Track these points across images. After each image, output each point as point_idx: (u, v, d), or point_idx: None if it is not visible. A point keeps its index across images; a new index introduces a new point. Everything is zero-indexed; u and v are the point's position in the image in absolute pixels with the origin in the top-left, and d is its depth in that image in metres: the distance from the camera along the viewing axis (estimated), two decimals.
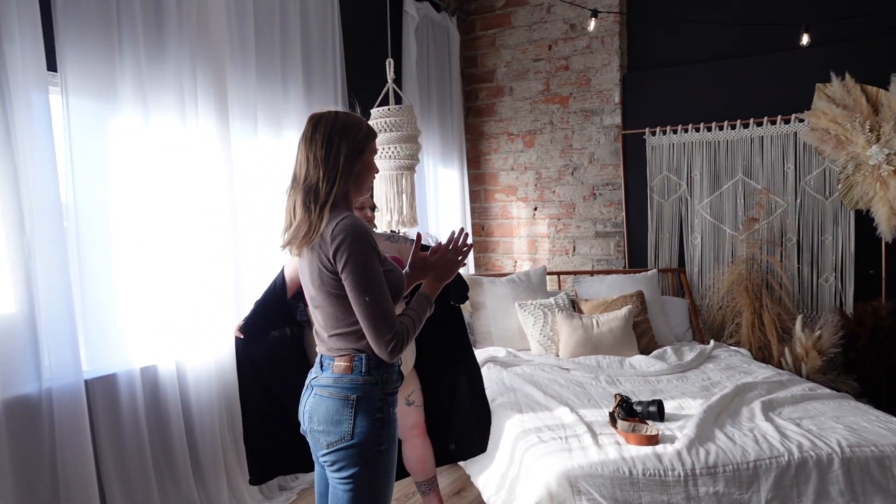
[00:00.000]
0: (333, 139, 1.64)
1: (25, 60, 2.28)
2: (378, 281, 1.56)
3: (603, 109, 4.63)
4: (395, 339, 1.56)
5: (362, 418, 1.59)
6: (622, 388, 2.97)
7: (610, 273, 4.29)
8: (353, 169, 1.65)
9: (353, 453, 1.59)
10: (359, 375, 1.62)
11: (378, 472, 1.61)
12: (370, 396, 1.62)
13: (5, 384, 2.22)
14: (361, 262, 1.55)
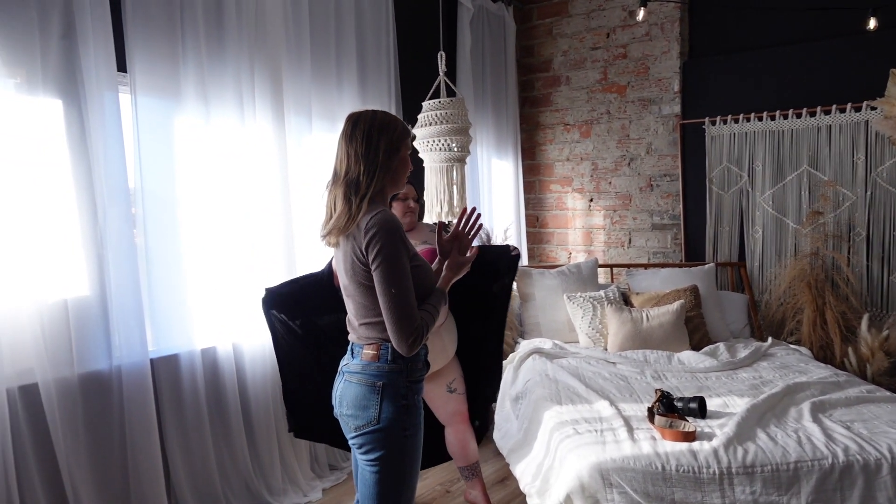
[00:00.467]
0: (373, 136, 1.73)
1: (98, 63, 2.47)
2: (404, 276, 1.64)
3: (661, 98, 4.52)
4: (415, 333, 1.64)
5: (388, 404, 1.68)
6: (667, 383, 2.94)
7: (664, 266, 4.21)
8: (390, 164, 1.74)
9: (379, 437, 1.67)
10: (385, 363, 1.70)
11: (403, 456, 1.69)
12: (395, 383, 1.70)
13: (80, 361, 2.43)
14: (391, 255, 1.63)
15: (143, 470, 2.57)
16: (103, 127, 2.50)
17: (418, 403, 1.75)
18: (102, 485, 2.48)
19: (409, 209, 2.77)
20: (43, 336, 2.31)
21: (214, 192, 2.88)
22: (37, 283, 2.31)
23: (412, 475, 1.73)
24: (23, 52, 2.31)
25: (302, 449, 3.19)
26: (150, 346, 2.65)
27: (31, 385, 2.29)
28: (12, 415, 2.23)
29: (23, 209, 2.29)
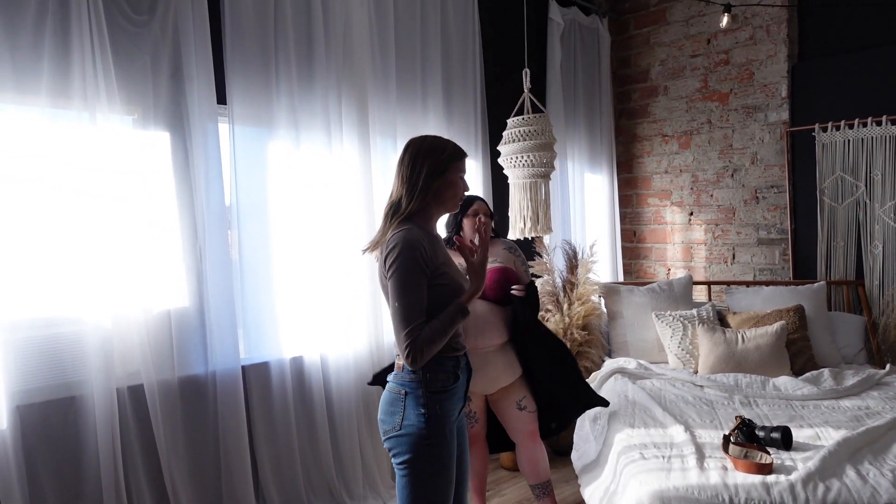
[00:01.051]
0: (418, 160, 1.84)
1: (201, 98, 2.76)
2: (412, 291, 1.71)
3: (767, 105, 4.25)
4: (409, 347, 1.69)
5: (410, 412, 1.77)
6: (757, 410, 2.75)
7: (768, 284, 3.94)
8: (431, 185, 1.82)
9: (403, 442, 1.77)
10: (407, 373, 1.80)
11: (428, 463, 1.75)
12: (416, 393, 1.78)
13: (181, 365, 2.70)
14: (401, 269, 1.72)
15: (234, 468, 2.80)
16: (204, 155, 2.77)
17: (442, 413, 1.78)
18: (197, 479, 2.73)
19: (480, 224, 2.81)
20: (149, 342, 2.60)
21: (303, 212, 3.09)
22: (144, 295, 2.60)
23: (439, 482, 1.78)
24: (139, 91, 2.63)
25: (383, 457, 3.31)
26: (242, 354, 2.88)
27: (137, 385, 2.58)
28: (121, 411, 2.53)
29: (134, 229, 2.59)
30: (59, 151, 2.43)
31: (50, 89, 2.39)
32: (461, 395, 1.91)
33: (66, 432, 2.41)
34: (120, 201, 2.55)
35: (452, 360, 1.84)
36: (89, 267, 2.47)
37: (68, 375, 2.43)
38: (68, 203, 2.45)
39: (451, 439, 1.82)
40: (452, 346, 1.84)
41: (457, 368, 1.86)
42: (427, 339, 1.71)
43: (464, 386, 1.92)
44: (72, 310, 2.44)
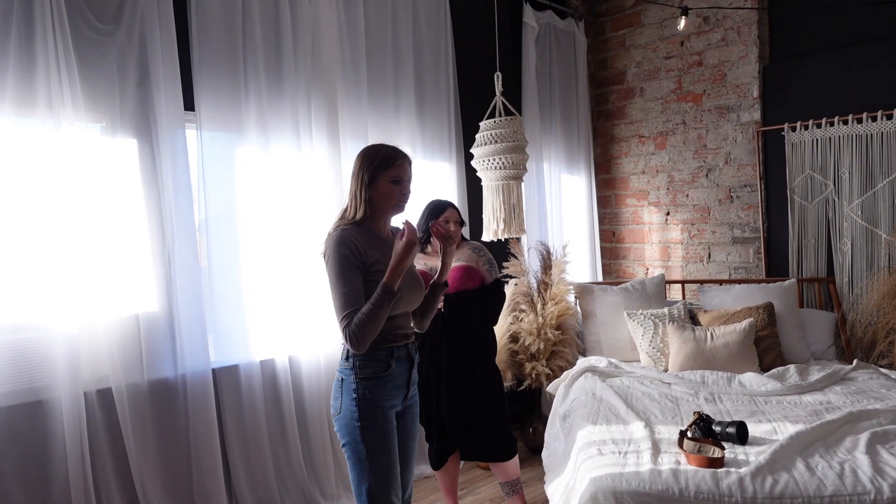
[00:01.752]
0: (358, 172, 2.00)
1: (168, 104, 2.79)
2: (344, 282, 1.84)
3: (740, 105, 4.29)
4: (344, 330, 1.83)
5: (345, 397, 1.94)
6: (720, 406, 2.79)
7: (740, 282, 3.98)
8: (367, 195, 1.96)
9: (341, 425, 1.95)
10: (343, 360, 1.97)
11: (362, 444, 1.90)
12: (349, 379, 1.94)
13: (149, 369, 2.73)
14: (333, 264, 1.87)
15: (206, 471, 2.83)
16: (173, 161, 2.81)
17: (372, 399, 1.91)
18: (168, 482, 2.76)
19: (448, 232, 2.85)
20: (117, 346, 2.63)
21: (272, 216, 3.12)
22: (112, 300, 2.63)
23: (374, 464, 1.90)
24: (105, 99, 2.67)
25: None
26: (211, 357, 2.91)
27: (106, 389, 2.61)
28: (90, 415, 2.56)
29: (101, 235, 2.63)
30: (25, 159, 2.47)
31: (15, 97, 2.42)
32: (400, 384, 2.00)
33: (34, 437, 2.44)
34: (87, 208, 2.59)
35: (385, 350, 1.95)
36: (56, 273, 2.50)
37: (34, 380, 2.46)
38: (35, 210, 2.48)
39: (386, 423, 1.93)
40: (387, 336, 1.94)
41: (390, 358, 1.96)
42: (359, 322, 1.80)
43: (403, 375, 2.01)
44: (38, 315, 2.47)
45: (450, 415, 2.78)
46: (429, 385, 2.80)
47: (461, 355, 2.77)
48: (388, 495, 1.92)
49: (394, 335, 1.97)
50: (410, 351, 2.05)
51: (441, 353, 2.77)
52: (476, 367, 2.79)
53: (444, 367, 2.77)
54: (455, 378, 2.76)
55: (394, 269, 1.85)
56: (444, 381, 2.77)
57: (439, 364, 2.78)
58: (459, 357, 2.77)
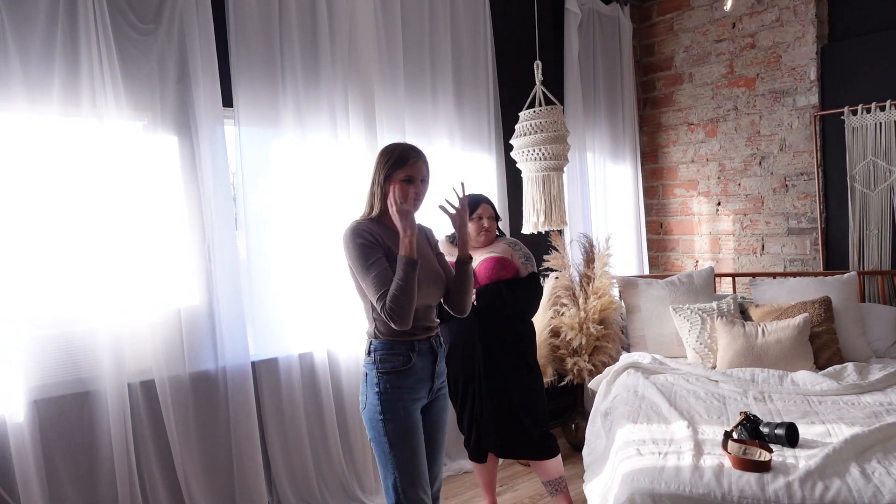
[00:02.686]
0: (374, 170, 2.04)
1: (207, 101, 2.83)
2: (371, 267, 1.87)
3: (796, 89, 4.08)
4: (383, 310, 1.84)
5: (369, 391, 1.97)
6: (770, 406, 2.65)
7: (795, 275, 3.78)
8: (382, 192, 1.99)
9: (367, 420, 1.98)
10: (366, 355, 2.01)
11: (385, 437, 1.92)
12: (372, 374, 1.97)
13: (191, 361, 2.79)
14: (355, 254, 1.91)
15: (246, 461, 2.88)
16: (212, 157, 2.85)
17: (398, 392, 1.93)
18: (210, 472, 2.82)
19: (482, 228, 2.82)
20: (159, 339, 2.69)
21: (309, 209, 3.14)
22: (154, 294, 2.70)
23: (398, 457, 1.91)
24: (146, 96, 2.73)
25: None
26: (251, 350, 2.95)
27: (149, 381, 2.68)
28: (134, 406, 2.63)
29: (144, 231, 2.69)
30: (71, 157, 2.54)
31: (61, 97, 2.50)
32: (423, 377, 2.00)
33: (81, 426, 2.53)
34: (130, 204, 2.65)
35: (405, 344, 1.96)
36: (101, 268, 2.57)
37: (82, 371, 2.54)
38: (81, 207, 2.56)
39: (408, 417, 1.94)
40: (407, 329, 1.91)
41: (411, 351, 1.96)
42: (392, 298, 1.83)
43: (427, 368, 2.01)
44: (85, 309, 2.55)
45: (484, 411, 2.74)
46: (465, 379, 2.77)
47: (496, 349, 2.73)
48: (414, 489, 1.92)
49: (414, 328, 1.96)
50: (433, 344, 2.04)
51: (475, 346, 2.73)
52: (511, 362, 2.74)
53: (480, 361, 2.73)
54: (489, 373, 2.72)
55: (403, 241, 1.87)
56: (478, 375, 2.73)
57: (474, 358, 2.74)
58: (494, 351, 2.73)
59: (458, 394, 2.81)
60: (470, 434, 2.86)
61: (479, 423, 2.79)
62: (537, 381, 2.82)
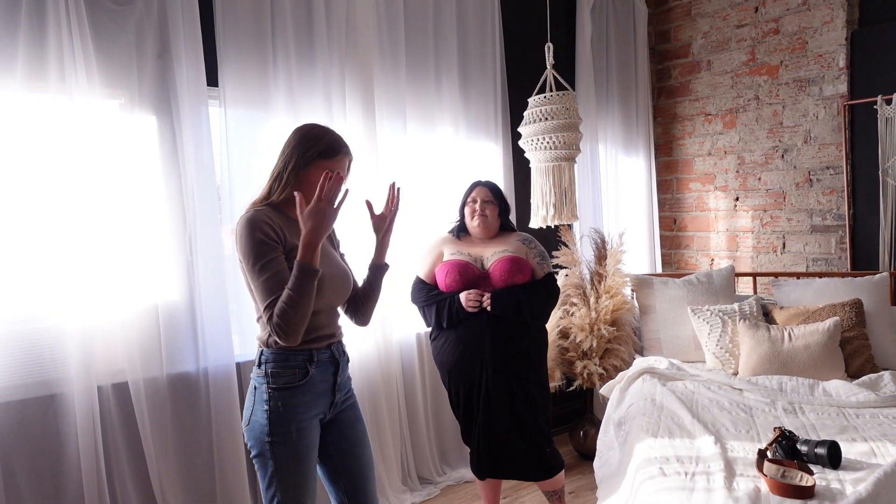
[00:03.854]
0: (291, 150, 1.75)
1: (190, 80, 2.60)
2: (263, 268, 1.60)
3: (823, 77, 3.82)
4: (269, 323, 1.58)
5: (256, 407, 1.70)
6: (802, 419, 2.42)
7: (821, 276, 3.54)
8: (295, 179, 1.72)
9: (250, 437, 1.72)
10: (256, 366, 1.74)
11: (272, 461, 1.67)
12: (262, 388, 1.70)
13: (169, 362, 2.56)
14: (246, 252, 1.62)
15: (229, 472, 2.65)
16: (195, 140, 2.62)
17: (291, 411, 1.68)
18: (188, 482, 2.59)
19: (475, 212, 2.58)
20: (134, 338, 2.46)
21: None
22: (130, 288, 2.47)
23: (284, 482, 1.68)
24: (122, 73, 2.49)
25: (391, 460, 3.11)
26: (235, 350, 2.72)
27: (122, 383, 2.45)
28: (104, 410, 2.40)
29: (118, 218, 2.46)
30: (36, 136, 2.31)
31: (25, 69, 2.27)
32: (323, 391, 1.75)
33: (45, 432, 2.30)
34: (104, 190, 2.42)
35: (304, 354, 1.70)
36: (70, 259, 2.34)
37: (47, 372, 2.31)
38: (48, 192, 2.33)
39: (301, 439, 1.69)
40: (305, 338, 1.67)
41: (308, 363, 1.71)
42: (280, 312, 1.57)
43: (327, 381, 1.76)
44: (51, 304, 2.32)
45: (491, 428, 2.49)
46: (468, 389, 2.53)
47: (507, 360, 2.47)
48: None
49: (314, 337, 1.71)
50: (335, 353, 1.79)
51: (484, 354, 2.48)
52: (522, 375, 2.49)
53: (489, 372, 2.47)
54: (498, 388, 2.47)
55: (306, 243, 1.58)
56: (485, 387, 2.48)
57: (482, 368, 2.49)
58: (504, 362, 2.47)
59: (461, 406, 2.57)
60: (474, 449, 2.61)
61: (485, 439, 2.54)
62: (546, 395, 2.59)
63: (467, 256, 2.58)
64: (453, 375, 2.54)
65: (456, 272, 2.52)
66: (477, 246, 2.63)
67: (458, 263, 2.54)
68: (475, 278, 2.53)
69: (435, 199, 3.42)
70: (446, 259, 2.60)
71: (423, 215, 3.36)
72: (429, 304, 2.57)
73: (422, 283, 2.66)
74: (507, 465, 2.51)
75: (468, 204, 2.63)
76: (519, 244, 2.61)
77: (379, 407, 3.07)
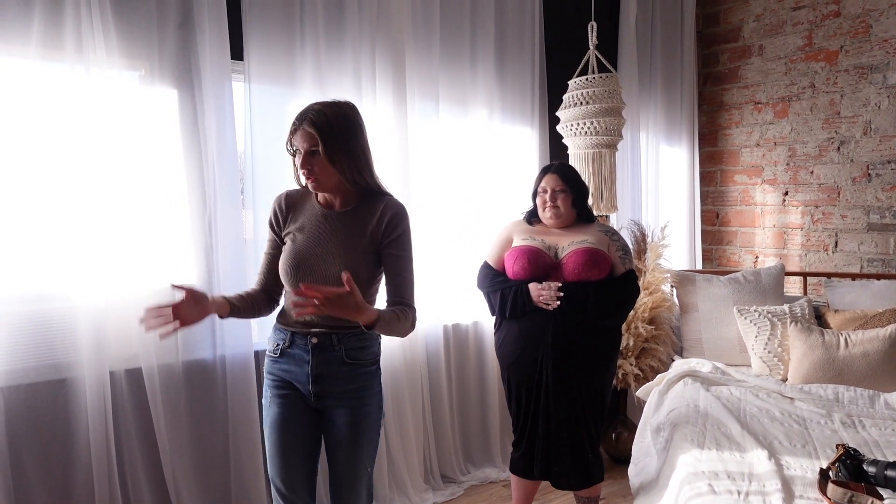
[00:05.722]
0: None
1: (213, 52, 2.47)
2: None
3: (888, 64, 3.55)
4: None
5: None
6: (864, 434, 2.21)
7: (880, 277, 3.30)
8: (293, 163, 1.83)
9: None
10: None
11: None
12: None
13: (185, 348, 2.45)
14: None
15: (245, 462, 2.54)
16: (217, 116, 2.49)
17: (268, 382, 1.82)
18: (203, 474, 2.49)
19: (546, 204, 2.39)
20: None
21: None
22: (145, 270, 2.36)
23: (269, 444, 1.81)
24: (142, 43, 2.37)
25: (413, 456, 2.97)
26: (254, 338, 2.60)
27: (135, 369, 2.35)
28: (116, 396, 2.30)
29: (135, 196, 2.35)
30: (51, 108, 2.20)
31: (40, 38, 2.15)
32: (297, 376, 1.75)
33: (55, 418, 2.21)
34: (120, 165, 2.31)
35: (284, 332, 1.78)
36: (84, 236, 2.24)
37: (58, 356, 2.21)
38: (63, 165, 2.22)
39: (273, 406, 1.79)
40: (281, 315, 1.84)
41: (283, 341, 1.77)
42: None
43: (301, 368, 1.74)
44: (61, 284, 2.22)
45: (550, 433, 2.32)
46: (529, 388, 2.35)
47: (569, 363, 2.29)
48: (277, 479, 1.80)
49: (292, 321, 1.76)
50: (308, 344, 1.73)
51: (545, 354, 2.29)
52: (586, 380, 2.31)
53: (548, 371, 2.29)
54: (558, 390, 2.29)
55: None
56: (544, 388, 2.31)
57: (542, 367, 2.31)
58: (565, 364, 2.28)
59: (517, 403, 2.40)
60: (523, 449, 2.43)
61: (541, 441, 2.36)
62: (604, 403, 2.41)
63: (540, 243, 2.38)
64: (513, 371, 2.37)
65: (525, 259, 2.33)
66: (552, 233, 2.43)
67: (529, 250, 2.35)
68: (546, 268, 2.32)
69: (467, 186, 3.25)
70: (516, 244, 2.42)
71: (454, 202, 3.19)
72: (493, 290, 2.40)
73: (489, 268, 2.50)
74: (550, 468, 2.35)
75: (539, 194, 2.42)
76: (601, 235, 2.39)
77: (402, 402, 2.93)
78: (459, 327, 3.25)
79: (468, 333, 3.27)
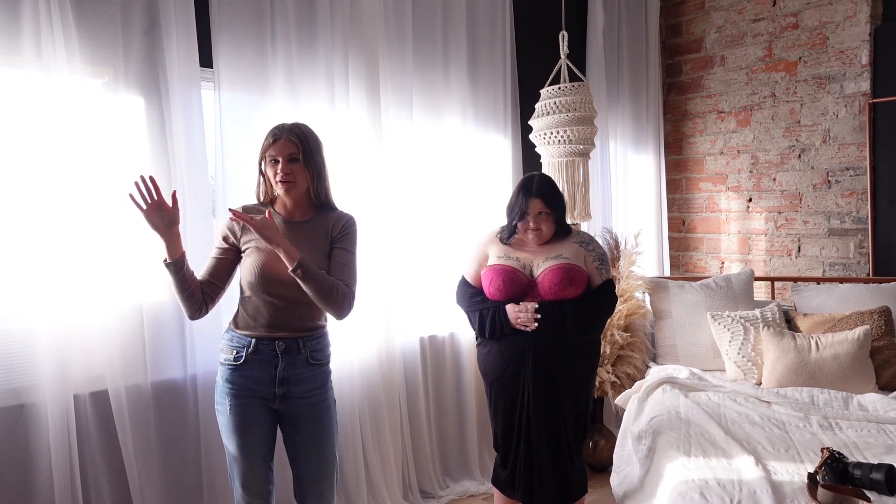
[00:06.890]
0: None
1: (181, 59, 2.39)
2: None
3: (844, 74, 3.67)
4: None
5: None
6: (842, 436, 2.25)
7: (844, 281, 3.39)
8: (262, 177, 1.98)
9: None
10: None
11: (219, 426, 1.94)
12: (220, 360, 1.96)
13: (154, 368, 2.34)
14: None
15: (219, 486, 2.44)
16: (185, 124, 2.40)
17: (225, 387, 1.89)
18: (174, 498, 2.37)
19: (528, 227, 2.29)
20: (115, 341, 2.24)
21: None
22: (111, 288, 2.24)
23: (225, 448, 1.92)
24: (107, 48, 2.27)
25: (391, 468, 2.90)
26: None
27: (101, 392, 2.23)
28: (81, 421, 2.18)
29: (99, 209, 2.23)
30: (8, 116, 2.07)
31: None
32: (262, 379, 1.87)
33: (14, 445, 2.08)
34: (84, 177, 2.20)
35: (244, 339, 1.88)
36: (45, 254, 2.12)
37: (16, 379, 2.09)
38: (21, 178, 2.09)
39: (236, 414, 1.85)
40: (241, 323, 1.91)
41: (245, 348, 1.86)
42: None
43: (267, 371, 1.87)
44: (21, 304, 2.09)
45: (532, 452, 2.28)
46: (511, 405, 2.30)
47: (550, 383, 2.25)
48: (235, 481, 1.91)
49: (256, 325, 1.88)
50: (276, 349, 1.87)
51: (526, 374, 2.25)
52: (565, 398, 2.27)
53: (529, 391, 2.25)
54: (539, 409, 2.24)
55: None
56: (526, 406, 2.26)
57: (523, 386, 2.26)
58: (547, 384, 2.25)
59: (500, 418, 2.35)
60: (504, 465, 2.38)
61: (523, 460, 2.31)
62: (586, 420, 2.39)
63: (515, 262, 2.30)
64: (495, 388, 2.33)
65: (500, 280, 2.27)
66: (527, 249, 2.35)
67: (504, 270, 2.28)
68: (522, 287, 2.27)
69: (441, 194, 3.22)
70: (491, 263, 2.34)
71: (429, 211, 3.15)
72: (472, 310, 2.35)
73: (467, 285, 2.43)
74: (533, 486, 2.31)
75: (522, 217, 2.29)
76: (576, 248, 2.32)
77: (380, 416, 2.86)
78: (436, 339, 3.20)
79: (445, 345, 3.22)
